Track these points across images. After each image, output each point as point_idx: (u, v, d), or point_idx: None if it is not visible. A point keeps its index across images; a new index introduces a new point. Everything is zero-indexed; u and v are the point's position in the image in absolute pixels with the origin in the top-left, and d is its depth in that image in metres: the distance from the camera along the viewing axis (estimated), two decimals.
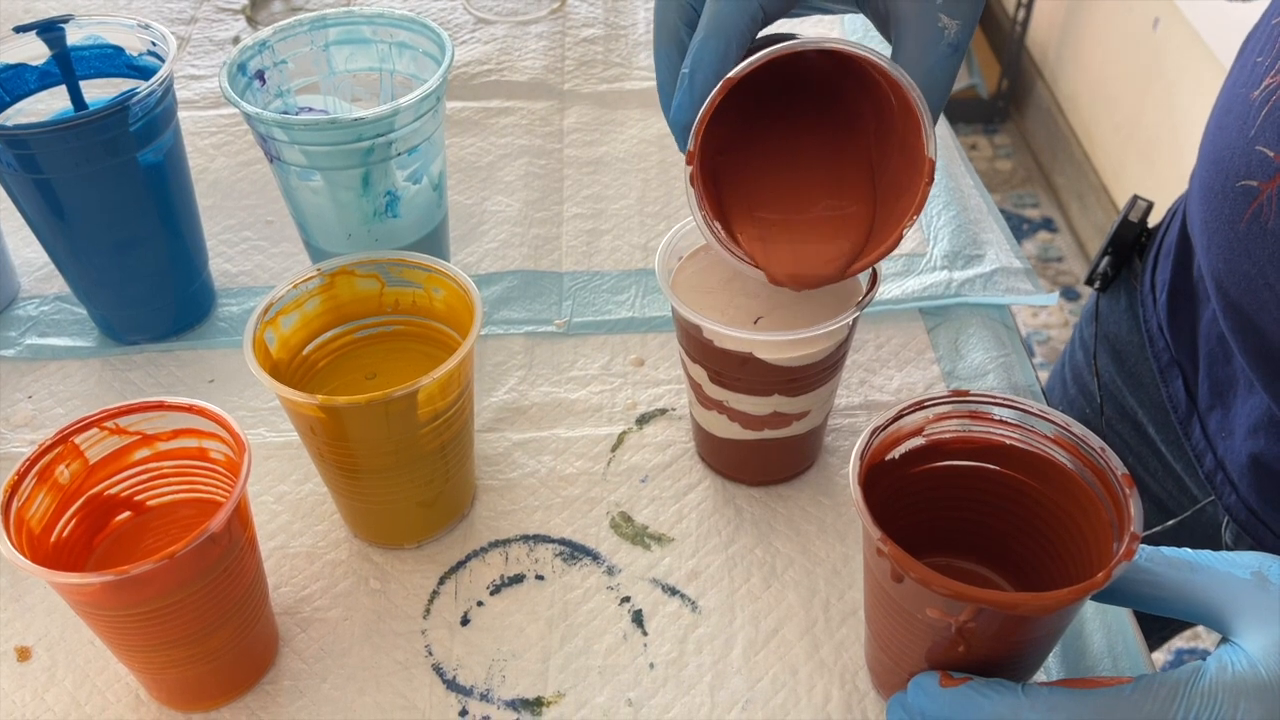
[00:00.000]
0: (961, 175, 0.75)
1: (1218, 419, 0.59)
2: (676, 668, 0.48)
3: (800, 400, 0.50)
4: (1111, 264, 0.68)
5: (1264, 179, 0.49)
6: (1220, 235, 0.52)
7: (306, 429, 0.47)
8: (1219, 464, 0.59)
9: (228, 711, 0.46)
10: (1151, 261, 0.66)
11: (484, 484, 0.55)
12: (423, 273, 0.51)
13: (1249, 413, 0.56)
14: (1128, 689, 0.36)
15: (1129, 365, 0.68)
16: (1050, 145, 2.22)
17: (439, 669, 0.48)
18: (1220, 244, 0.52)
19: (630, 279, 0.67)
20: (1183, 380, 0.62)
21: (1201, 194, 0.55)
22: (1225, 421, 0.59)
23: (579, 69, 0.85)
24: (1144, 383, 0.67)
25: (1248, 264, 0.50)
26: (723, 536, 0.53)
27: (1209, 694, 0.35)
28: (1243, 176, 0.50)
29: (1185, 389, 0.62)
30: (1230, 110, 0.52)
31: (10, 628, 0.49)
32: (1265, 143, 0.49)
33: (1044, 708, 0.36)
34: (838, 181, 0.47)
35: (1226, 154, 0.51)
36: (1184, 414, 0.62)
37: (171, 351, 0.63)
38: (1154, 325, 0.64)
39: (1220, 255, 0.52)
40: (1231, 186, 0.51)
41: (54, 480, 0.44)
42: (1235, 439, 0.57)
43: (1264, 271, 0.49)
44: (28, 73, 0.59)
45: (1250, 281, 0.50)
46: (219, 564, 0.42)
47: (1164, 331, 0.63)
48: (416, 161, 0.57)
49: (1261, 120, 0.50)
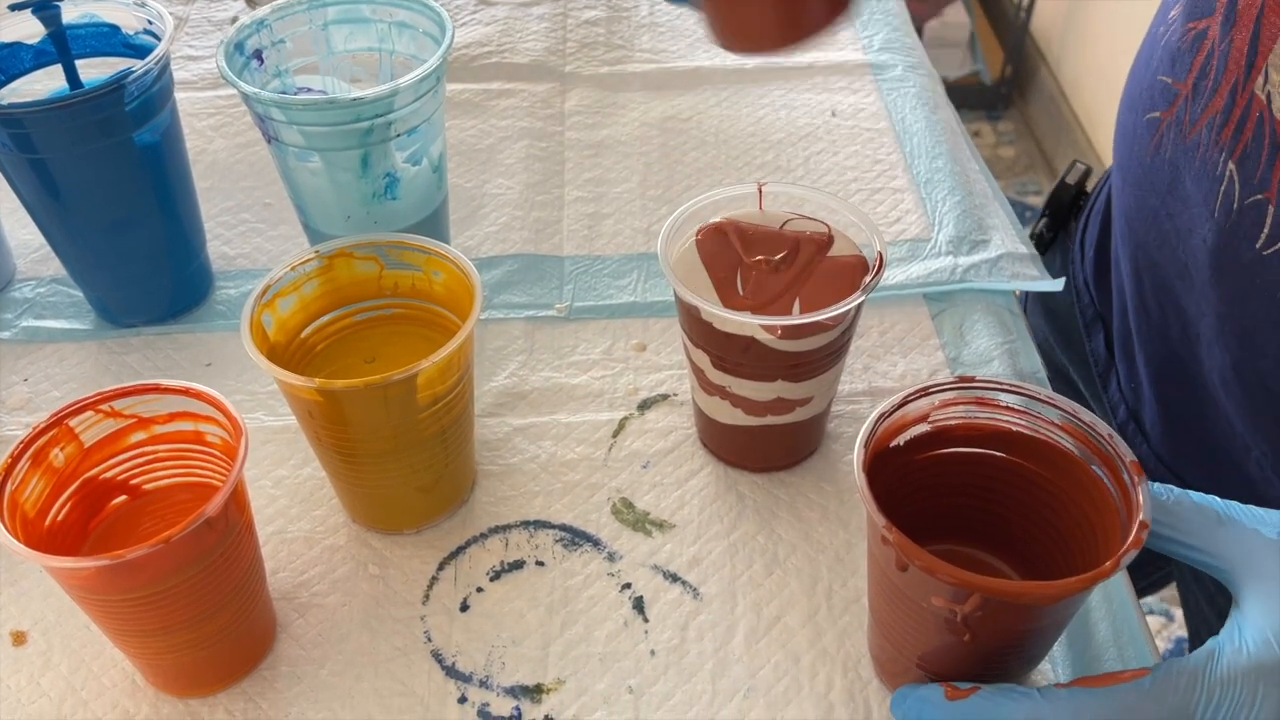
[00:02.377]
0: (967, 160, 0.74)
1: (1128, 369, 0.59)
2: (678, 655, 0.47)
3: (804, 386, 0.50)
4: (1049, 225, 0.69)
5: (1164, 108, 0.51)
6: (1131, 172, 0.54)
7: (305, 413, 0.47)
8: (1131, 415, 0.59)
9: (225, 697, 0.46)
10: (1083, 222, 0.67)
11: (484, 469, 0.55)
12: (422, 255, 0.50)
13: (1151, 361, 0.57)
14: (1146, 682, 0.35)
15: (1059, 324, 0.69)
16: (1054, 132, 2.20)
17: (438, 655, 0.47)
18: (1131, 180, 0.54)
19: (632, 263, 0.66)
20: (1104, 334, 0.63)
21: (1119, 134, 0.56)
22: (1133, 371, 0.59)
23: (580, 51, 0.85)
24: (1073, 340, 0.68)
25: (1153, 198, 0.51)
26: (724, 523, 0.52)
27: (1228, 681, 0.35)
28: (1148, 109, 0.52)
29: (1105, 343, 0.62)
30: (1140, 51, 0.54)
31: (5, 612, 0.49)
32: (1164, 71, 0.50)
33: (1067, 711, 0.35)
34: None
35: (1135, 89, 0.53)
36: (1103, 367, 0.63)
37: (169, 334, 0.62)
38: (1080, 281, 0.65)
39: (1131, 192, 0.53)
40: (1140, 121, 0.52)
41: (49, 464, 0.43)
42: (1144, 388, 0.58)
43: (1165, 203, 0.50)
44: (23, 51, 0.58)
45: (1154, 215, 0.51)
46: (215, 549, 0.41)
47: (1089, 286, 0.64)
48: (416, 143, 0.56)
49: (1160, 51, 0.52)
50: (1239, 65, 0.47)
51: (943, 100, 0.80)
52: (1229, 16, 0.48)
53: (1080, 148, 2.07)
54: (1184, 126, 0.50)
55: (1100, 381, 0.63)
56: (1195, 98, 0.49)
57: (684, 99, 0.80)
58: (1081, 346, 0.66)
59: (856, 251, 0.51)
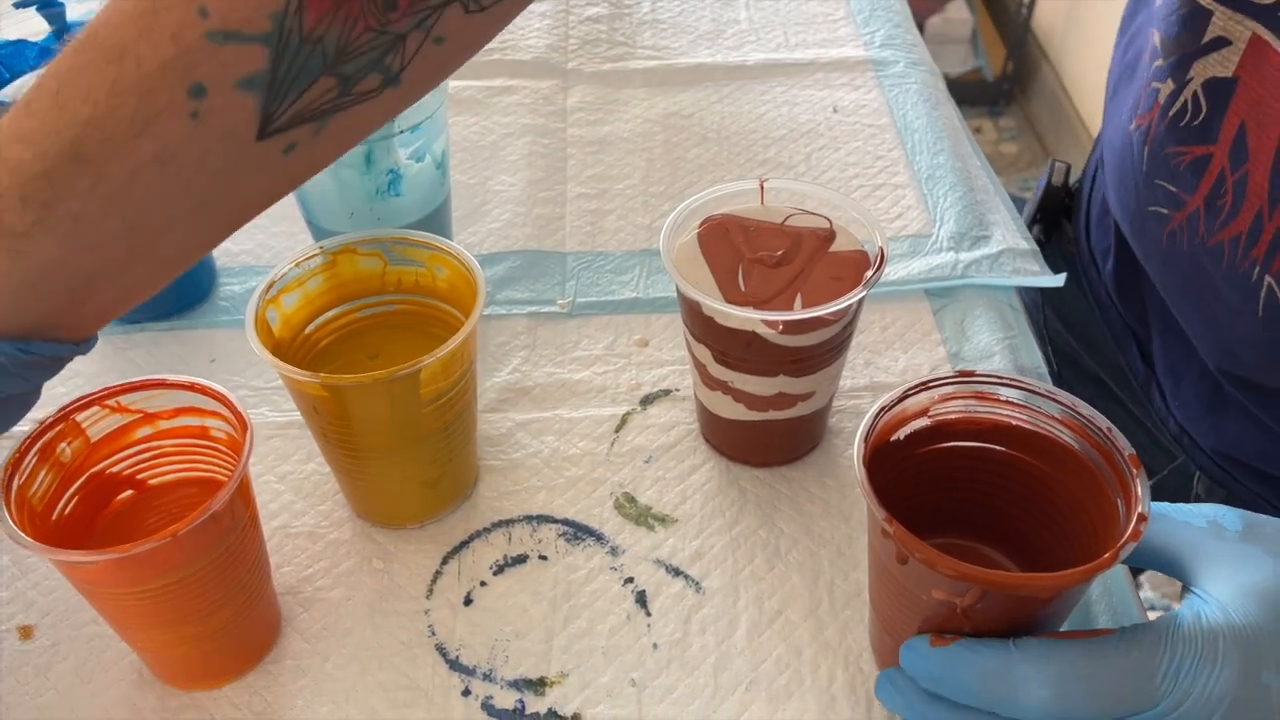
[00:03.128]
0: (968, 156, 0.74)
1: (1174, 385, 0.59)
2: (680, 649, 0.47)
3: (805, 381, 0.50)
4: (1043, 230, 0.69)
5: (1172, 209, 0.52)
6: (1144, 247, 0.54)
7: (309, 408, 0.47)
8: (1183, 429, 0.59)
9: (230, 690, 0.46)
10: (1084, 227, 0.66)
11: (487, 464, 0.55)
12: (426, 251, 0.50)
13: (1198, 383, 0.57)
14: (1114, 638, 0.36)
15: (1080, 329, 0.68)
16: (1055, 128, 2.20)
17: (442, 649, 0.48)
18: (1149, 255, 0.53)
19: (635, 259, 0.67)
20: (1137, 347, 0.62)
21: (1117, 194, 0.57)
22: (1179, 388, 0.59)
23: (582, 48, 0.85)
24: (1101, 348, 0.67)
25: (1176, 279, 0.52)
26: (726, 518, 0.52)
27: (1189, 639, 0.36)
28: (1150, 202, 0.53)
29: (1141, 355, 0.62)
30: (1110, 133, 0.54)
31: (12, 606, 0.49)
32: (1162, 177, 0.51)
33: (1035, 658, 0.36)
34: None
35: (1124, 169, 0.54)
36: (1143, 380, 0.62)
37: (173, 330, 0.62)
38: (1102, 294, 0.64)
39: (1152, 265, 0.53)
40: (1144, 208, 0.53)
41: (55, 458, 0.43)
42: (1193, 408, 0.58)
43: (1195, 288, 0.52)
44: (28, 49, 0.58)
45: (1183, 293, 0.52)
46: (221, 542, 0.41)
47: (1113, 299, 0.63)
48: (419, 140, 0.56)
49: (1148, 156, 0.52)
50: (1261, 197, 0.47)
51: (944, 96, 0.81)
52: (1239, 154, 0.47)
53: (1082, 144, 2.07)
54: (1200, 234, 0.50)
55: (1143, 392, 0.63)
56: (1210, 214, 0.49)
57: (686, 95, 0.80)
58: (1111, 356, 0.66)
59: (858, 246, 0.51)
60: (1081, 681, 0.35)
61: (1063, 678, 0.36)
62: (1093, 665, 0.36)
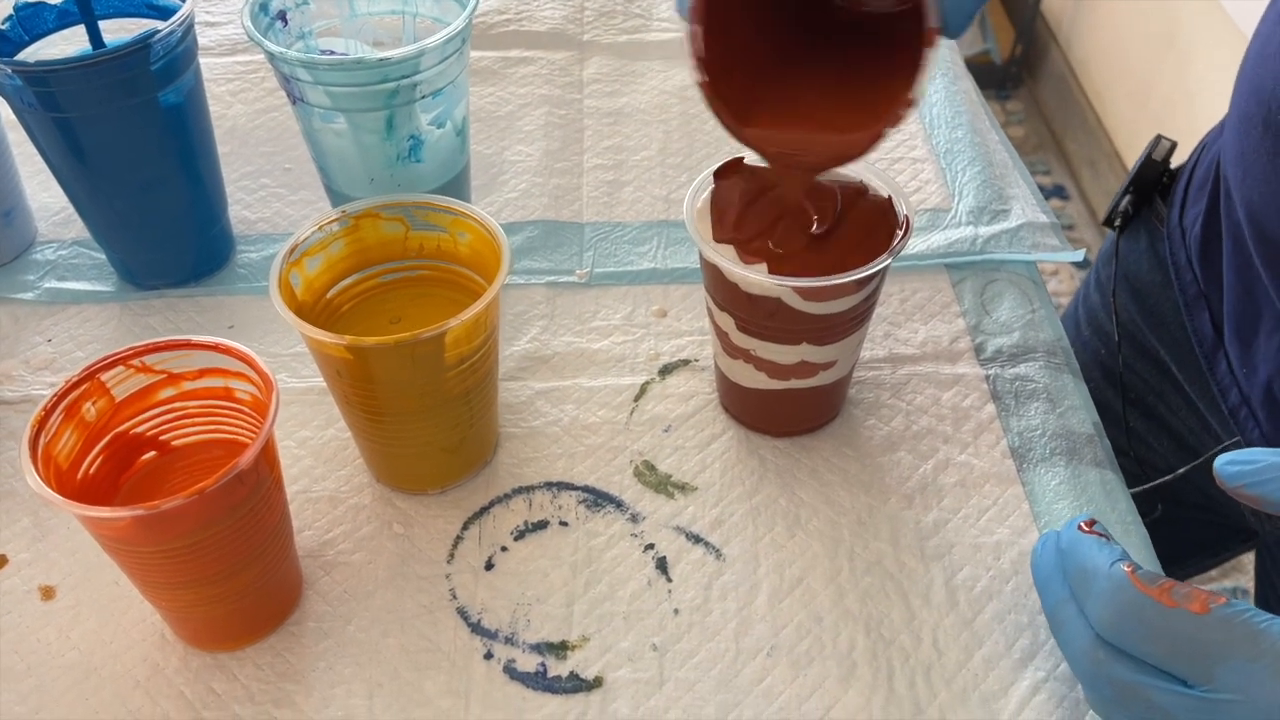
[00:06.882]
0: (986, 130, 0.74)
1: (1240, 353, 0.59)
2: (701, 614, 0.48)
3: (828, 349, 0.50)
4: (1133, 203, 0.68)
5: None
6: (1257, 167, 0.52)
7: (333, 372, 0.47)
8: (1244, 399, 0.59)
9: (253, 651, 0.46)
10: (1180, 199, 0.65)
11: (506, 431, 0.55)
12: (448, 216, 0.50)
13: (1274, 348, 0.56)
14: (1219, 608, 0.37)
15: (1149, 304, 0.68)
16: (1063, 112, 2.20)
17: (463, 612, 0.48)
18: (1256, 176, 0.52)
19: (652, 230, 0.66)
20: (1209, 314, 0.62)
21: (1239, 126, 0.54)
22: (1248, 356, 0.58)
23: (599, 19, 0.84)
24: (1166, 321, 0.66)
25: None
26: (746, 486, 0.53)
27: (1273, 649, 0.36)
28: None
29: (1211, 322, 0.62)
30: (1272, 40, 0.52)
31: (34, 567, 0.49)
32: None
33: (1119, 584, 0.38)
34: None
35: (1269, 83, 0.51)
36: (1209, 347, 0.62)
37: (191, 297, 0.62)
38: (1182, 259, 0.64)
39: (1255, 188, 0.52)
40: (1271, 117, 0.50)
41: (80, 417, 0.43)
42: (1259, 374, 0.57)
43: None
44: (46, 11, 0.58)
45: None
46: (246, 502, 0.41)
47: (1193, 265, 0.63)
48: (440, 105, 0.56)
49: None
50: None
51: (962, 71, 0.80)
52: None
53: (1090, 128, 2.06)
54: None
55: (1206, 361, 0.62)
56: None
57: None
58: (1178, 329, 0.65)
59: None
60: (1146, 626, 0.37)
61: (1131, 607, 0.37)
62: (1166, 619, 0.37)
